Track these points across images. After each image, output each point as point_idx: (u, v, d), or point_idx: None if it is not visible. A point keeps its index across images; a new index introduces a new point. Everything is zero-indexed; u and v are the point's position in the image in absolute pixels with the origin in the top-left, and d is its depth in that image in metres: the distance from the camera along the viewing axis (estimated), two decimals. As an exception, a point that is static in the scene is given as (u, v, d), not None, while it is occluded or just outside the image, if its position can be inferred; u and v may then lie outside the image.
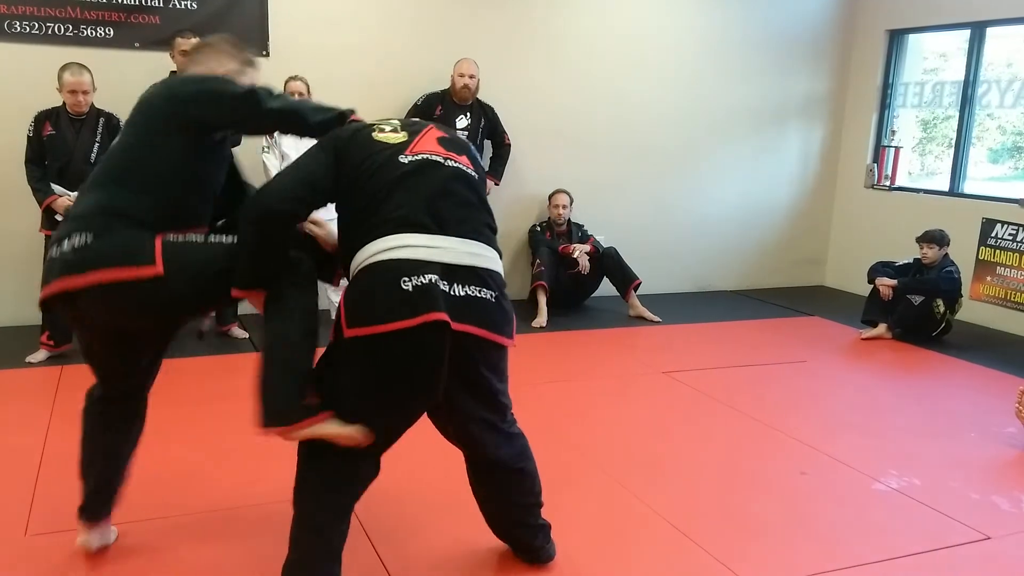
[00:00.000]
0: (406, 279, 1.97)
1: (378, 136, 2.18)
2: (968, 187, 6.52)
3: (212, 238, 2.23)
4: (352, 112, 2.32)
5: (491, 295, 2.10)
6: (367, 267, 2.02)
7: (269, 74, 5.18)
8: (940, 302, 5.46)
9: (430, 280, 1.98)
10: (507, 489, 2.44)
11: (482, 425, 2.29)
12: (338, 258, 2.25)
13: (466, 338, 2.04)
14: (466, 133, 5.67)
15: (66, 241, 2.11)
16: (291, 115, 2.30)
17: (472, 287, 2.06)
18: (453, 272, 2.03)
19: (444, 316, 1.96)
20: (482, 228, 2.19)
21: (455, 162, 2.21)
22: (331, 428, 2.06)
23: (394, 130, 2.21)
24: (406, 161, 2.13)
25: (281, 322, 2.11)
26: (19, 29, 4.87)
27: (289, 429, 2.05)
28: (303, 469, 2.19)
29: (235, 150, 5.08)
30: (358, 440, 2.07)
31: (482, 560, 2.59)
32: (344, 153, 2.16)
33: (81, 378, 2.52)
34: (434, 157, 2.18)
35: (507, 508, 2.49)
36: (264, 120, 2.31)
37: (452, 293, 2.01)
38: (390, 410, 2.13)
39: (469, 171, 2.24)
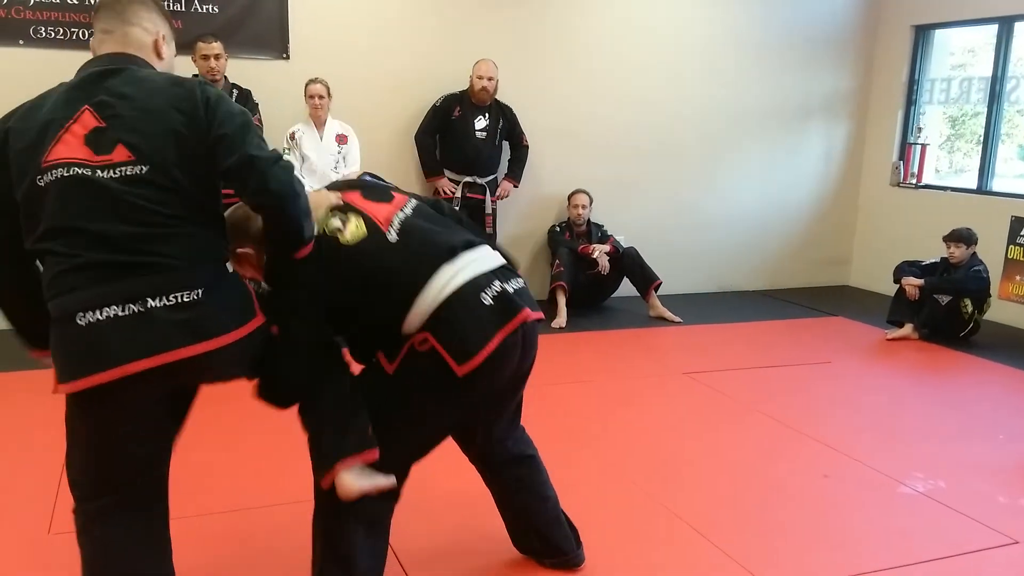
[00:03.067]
0: (483, 294, 2.04)
1: (346, 240, 2.03)
2: (997, 184, 6.42)
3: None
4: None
5: (525, 282, 2.21)
6: (442, 305, 2.00)
7: (289, 77, 5.28)
8: (968, 302, 5.38)
9: (500, 287, 2.08)
10: (533, 480, 2.46)
11: (517, 415, 2.43)
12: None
13: (527, 326, 2.12)
14: (484, 134, 5.67)
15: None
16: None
17: (514, 280, 2.16)
18: (498, 274, 2.13)
19: (528, 312, 2.09)
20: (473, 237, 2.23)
21: (411, 202, 2.19)
22: (373, 478, 2.03)
23: (343, 224, 2.05)
24: (393, 239, 2.06)
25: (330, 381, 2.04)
26: (44, 34, 4.94)
27: (353, 460, 2.00)
28: (343, 520, 2.11)
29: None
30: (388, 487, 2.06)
31: (506, 567, 2.58)
32: (332, 284, 2.02)
33: None
34: (402, 212, 2.13)
35: (537, 504, 2.48)
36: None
37: (510, 290, 2.10)
38: (465, 414, 2.20)
39: (422, 202, 2.24)
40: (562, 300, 5.63)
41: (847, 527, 2.89)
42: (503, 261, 2.20)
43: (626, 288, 6.01)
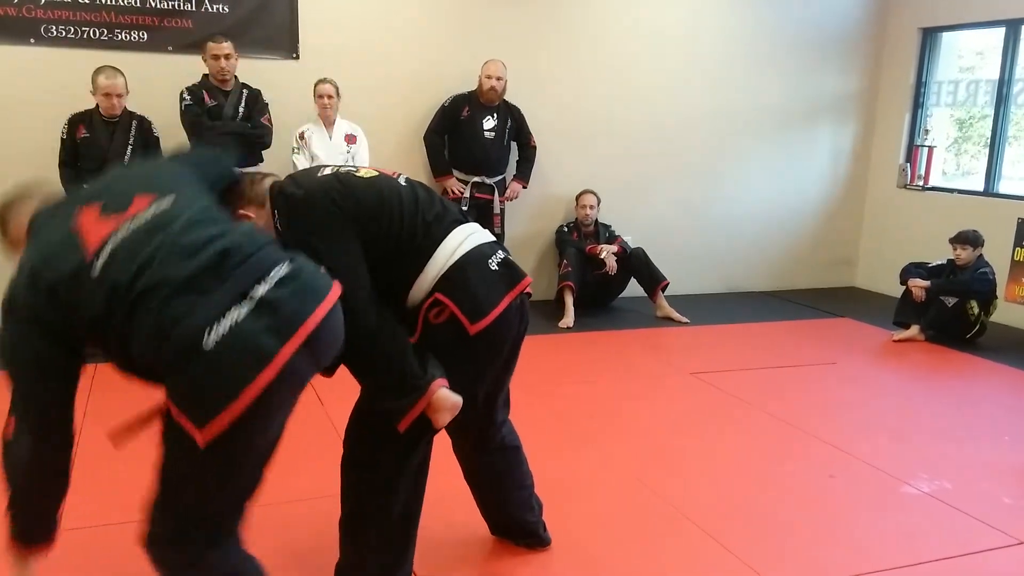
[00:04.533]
0: (490, 260, 2.19)
1: (362, 175, 2.19)
2: (1004, 187, 6.42)
3: None
4: None
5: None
6: (454, 266, 2.12)
7: (299, 77, 5.30)
8: (974, 304, 5.38)
9: (503, 255, 2.24)
10: (514, 469, 2.55)
11: (507, 397, 2.50)
12: None
13: (524, 295, 2.28)
14: (493, 134, 5.69)
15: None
16: None
17: (509, 255, 2.30)
18: (497, 245, 2.28)
19: (529, 279, 2.27)
20: None
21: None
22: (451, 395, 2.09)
23: (355, 170, 2.24)
24: (403, 182, 2.22)
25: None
26: (55, 33, 4.97)
27: (424, 399, 2.05)
28: (401, 464, 2.18)
29: (265, 152, 5.17)
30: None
31: (514, 564, 2.60)
32: (356, 210, 2.09)
33: (113, 377, 2.48)
34: (407, 177, 2.29)
35: (514, 491, 2.57)
36: None
37: (512, 259, 2.28)
38: (488, 384, 2.29)
39: None
40: (569, 300, 5.65)
41: (852, 527, 2.91)
42: (493, 238, 2.32)
43: (633, 288, 6.03)
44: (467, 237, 2.17)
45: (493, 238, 2.29)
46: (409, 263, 2.11)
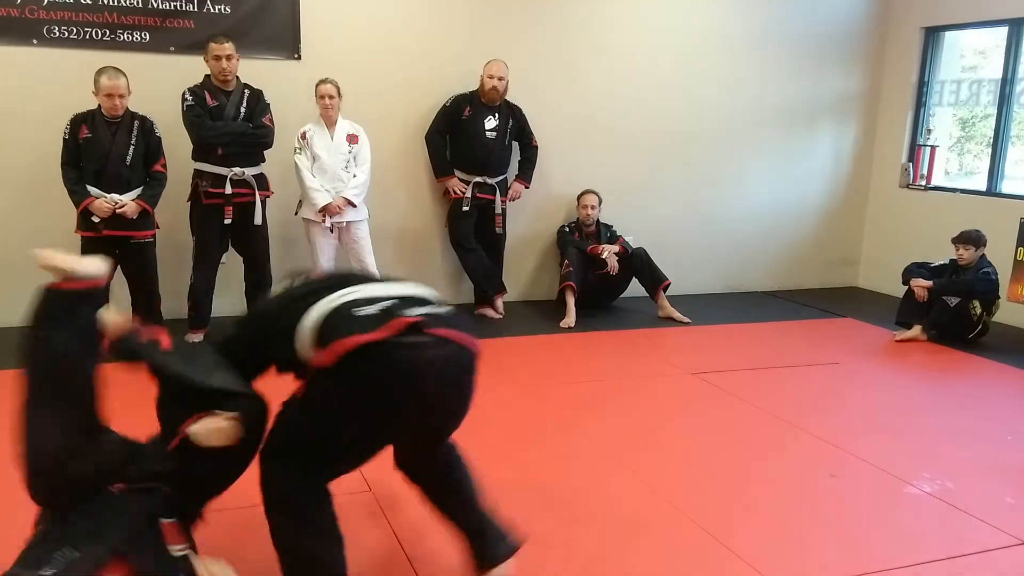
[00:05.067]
0: (355, 309, 2.09)
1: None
2: (1007, 187, 6.42)
3: None
4: None
5: (451, 312, 2.23)
6: (320, 323, 2.10)
7: (301, 78, 5.30)
8: (976, 304, 5.38)
9: (386, 305, 2.10)
10: (467, 473, 2.44)
11: None
12: None
13: (452, 350, 2.12)
14: (494, 134, 5.68)
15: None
16: None
17: (425, 307, 2.15)
18: (395, 300, 2.15)
19: (404, 320, 2.05)
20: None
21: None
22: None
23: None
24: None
25: None
26: (57, 34, 4.97)
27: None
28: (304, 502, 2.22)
29: (267, 153, 5.17)
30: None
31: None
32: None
33: (114, 375, 2.41)
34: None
35: (471, 494, 2.43)
36: None
37: (399, 307, 2.11)
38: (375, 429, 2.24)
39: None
40: (571, 300, 5.65)
41: (854, 526, 2.91)
42: (411, 293, 2.21)
43: (635, 288, 6.03)
44: (332, 300, 2.13)
45: (392, 299, 2.13)
46: (282, 342, 2.16)
